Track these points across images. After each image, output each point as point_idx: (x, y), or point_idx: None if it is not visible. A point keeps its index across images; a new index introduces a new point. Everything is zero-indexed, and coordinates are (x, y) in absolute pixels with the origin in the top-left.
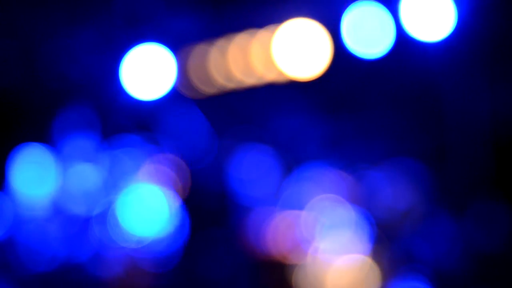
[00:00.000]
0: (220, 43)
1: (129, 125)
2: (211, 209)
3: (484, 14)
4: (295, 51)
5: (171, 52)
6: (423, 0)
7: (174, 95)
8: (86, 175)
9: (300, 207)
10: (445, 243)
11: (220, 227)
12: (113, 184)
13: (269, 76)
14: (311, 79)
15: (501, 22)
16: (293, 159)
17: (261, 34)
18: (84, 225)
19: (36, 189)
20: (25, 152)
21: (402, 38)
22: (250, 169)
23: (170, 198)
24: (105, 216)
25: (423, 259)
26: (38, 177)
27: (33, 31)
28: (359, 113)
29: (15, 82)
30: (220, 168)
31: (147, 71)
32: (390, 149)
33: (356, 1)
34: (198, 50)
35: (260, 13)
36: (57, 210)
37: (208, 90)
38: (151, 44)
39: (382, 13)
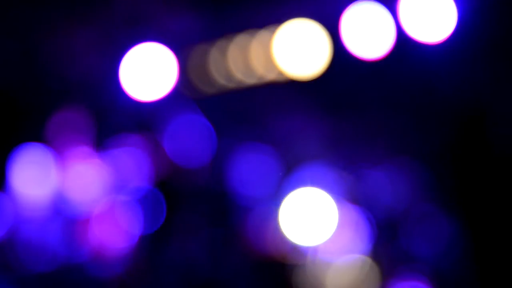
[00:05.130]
0: (220, 43)
1: (129, 125)
2: (211, 209)
3: (485, 15)
4: (295, 51)
5: (171, 52)
6: (423, 1)
7: (174, 95)
8: (86, 175)
9: (299, 207)
10: (445, 243)
11: (220, 227)
12: (113, 184)
13: (269, 76)
14: (311, 79)
15: (502, 23)
16: (293, 159)
17: (261, 35)
18: (84, 225)
19: (36, 189)
20: (25, 152)
21: (402, 38)
22: (250, 169)
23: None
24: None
25: (423, 259)
26: (38, 177)
27: (33, 31)
28: (359, 113)
29: (15, 82)
30: (220, 168)
31: (147, 71)
32: (390, 149)
33: (355, 1)
34: (198, 50)
35: (260, 14)
36: (57, 210)
37: (208, 90)
38: (151, 44)
39: (382, 13)
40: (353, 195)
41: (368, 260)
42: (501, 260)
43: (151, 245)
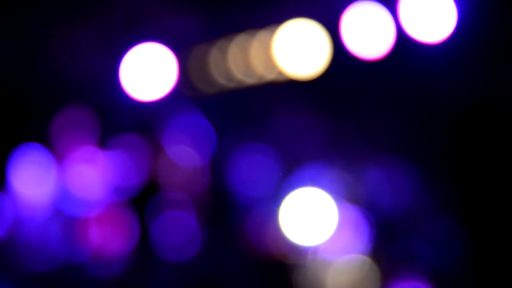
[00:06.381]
0: (220, 43)
1: (129, 125)
2: (211, 209)
3: (485, 15)
4: (295, 51)
5: (171, 52)
6: (423, 1)
7: (174, 95)
8: (86, 175)
9: (299, 207)
10: (445, 243)
11: (220, 227)
12: (112, 184)
13: (269, 76)
14: (311, 79)
15: (502, 23)
16: (293, 159)
17: (261, 35)
18: (84, 225)
19: (36, 189)
20: (26, 152)
21: (402, 38)
22: (250, 169)
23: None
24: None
25: (423, 259)
26: (38, 177)
27: (33, 31)
28: (359, 113)
29: (15, 82)
30: (220, 168)
31: (147, 71)
32: (390, 149)
33: (355, 1)
34: (198, 50)
35: (260, 14)
36: (57, 210)
37: (208, 90)
38: (151, 44)
39: (382, 13)
40: (353, 195)
41: (368, 260)
42: (501, 260)
43: (151, 245)
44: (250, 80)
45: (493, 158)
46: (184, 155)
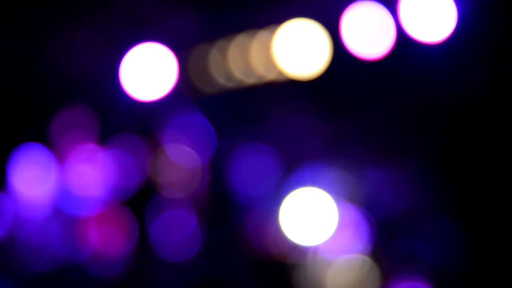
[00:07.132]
0: (220, 43)
1: (129, 125)
2: (211, 209)
3: (485, 15)
4: (295, 51)
5: (171, 52)
6: (423, 1)
7: (174, 95)
8: (86, 174)
9: (299, 207)
10: (445, 243)
11: (220, 227)
12: (113, 184)
13: (269, 76)
14: (311, 79)
15: (502, 23)
16: (293, 159)
17: (261, 35)
18: (84, 225)
19: (36, 189)
20: (26, 152)
21: (402, 38)
22: (251, 169)
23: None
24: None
25: (423, 259)
26: (38, 177)
27: (33, 31)
28: (359, 113)
29: (15, 82)
30: (220, 168)
31: (147, 71)
32: (390, 149)
33: (355, 1)
34: (198, 50)
35: (260, 14)
36: (57, 210)
37: (208, 90)
38: (151, 44)
39: (382, 13)
40: (353, 195)
41: (368, 260)
42: (501, 260)
43: (151, 245)
44: (250, 80)
45: (493, 158)
46: (184, 155)
